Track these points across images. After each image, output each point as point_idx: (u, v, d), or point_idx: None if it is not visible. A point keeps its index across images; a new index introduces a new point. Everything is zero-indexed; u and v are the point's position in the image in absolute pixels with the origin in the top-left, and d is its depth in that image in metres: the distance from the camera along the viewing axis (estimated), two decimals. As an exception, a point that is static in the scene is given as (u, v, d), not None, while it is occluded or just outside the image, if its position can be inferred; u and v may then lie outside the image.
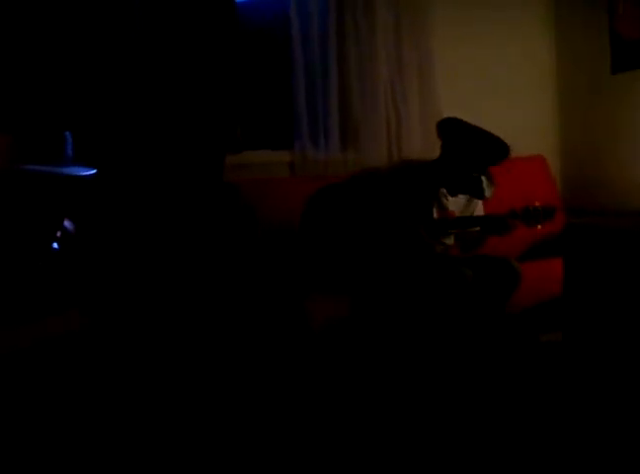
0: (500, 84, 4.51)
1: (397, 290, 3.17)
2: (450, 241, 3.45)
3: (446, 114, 3.99)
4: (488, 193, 3.32)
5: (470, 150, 3.28)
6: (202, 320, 3.02)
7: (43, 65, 3.08)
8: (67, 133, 2.83)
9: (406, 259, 3.25)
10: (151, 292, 3.04)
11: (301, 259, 3.26)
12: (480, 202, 3.52)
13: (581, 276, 3.02)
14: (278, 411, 2.81)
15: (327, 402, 2.89)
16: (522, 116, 4.59)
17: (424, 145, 4.02)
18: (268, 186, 3.66)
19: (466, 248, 3.46)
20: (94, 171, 2.90)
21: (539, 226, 3.26)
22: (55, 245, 2.81)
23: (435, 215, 3.36)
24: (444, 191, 3.39)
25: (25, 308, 2.57)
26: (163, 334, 2.89)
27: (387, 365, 3.07)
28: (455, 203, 3.38)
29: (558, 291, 3.28)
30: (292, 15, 3.82)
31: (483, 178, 3.30)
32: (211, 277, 3.17)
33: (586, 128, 4.63)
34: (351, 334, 3.12)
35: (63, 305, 2.66)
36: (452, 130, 3.40)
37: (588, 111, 4.62)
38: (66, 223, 2.87)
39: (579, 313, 3.09)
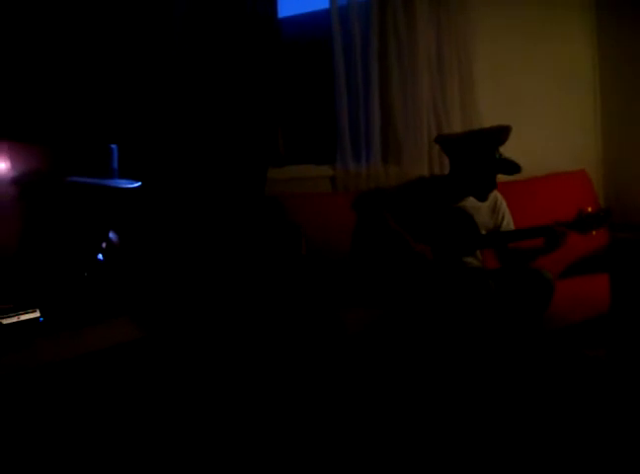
0: (541, 99, 4.49)
1: (426, 302, 3.15)
2: (477, 261, 3.42)
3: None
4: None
5: (471, 149, 3.28)
6: (245, 326, 3.04)
7: (88, 79, 3.13)
8: (113, 146, 2.86)
9: (433, 273, 3.21)
10: (197, 301, 3.06)
11: (347, 271, 3.25)
12: (506, 210, 3.49)
13: (628, 291, 2.98)
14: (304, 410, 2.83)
15: (350, 402, 2.90)
16: (564, 130, 4.57)
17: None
18: (310, 200, 3.65)
19: (512, 263, 3.42)
20: (139, 183, 2.92)
21: (594, 232, 3.20)
22: (100, 256, 2.84)
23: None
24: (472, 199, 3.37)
25: (70, 318, 2.60)
26: (209, 341, 2.91)
27: (414, 375, 3.05)
28: (479, 215, 3.34)
29: (604, 308, 3.24)
30: (335, 30, 3.82)
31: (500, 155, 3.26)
32: (254, 287, 3.19)
33: (628, 142, 4.59)
34: (382, 341, 3.11)
35: (109, 315, 2.68)
36: (449, 143, 3.45)
37: (630, 124, 4.58)
38: (111, 235, 2.90)
39: (625, 330, 3.05)
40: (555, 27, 4.55)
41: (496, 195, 3.47)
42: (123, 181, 2.87)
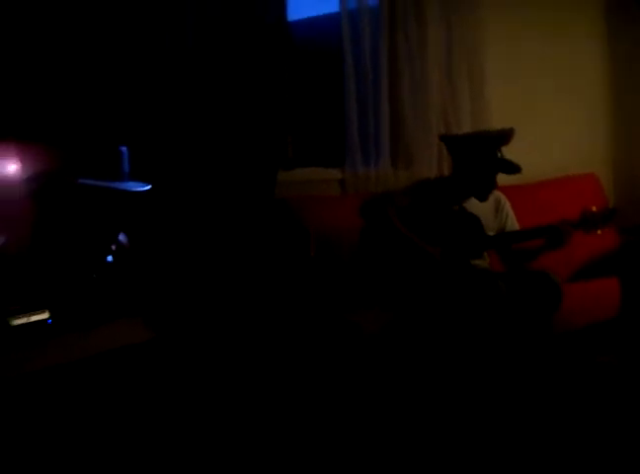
0: (551, 103, 4.48)
1: (436, 305, 3.14)
2: (485, 263, 3.41)
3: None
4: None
5: (474, 148, 3.30)
6: (254, 329, 3.04)
7: (101, 83, 3.14)
8: (123, 149, 2.86)
9: (443, 275, 3.20)
10: (207, 303, 3.07)
11: (354, 273, 3.24)
12: (510, 211, 3.49)
13: (638, 295, 2.97)
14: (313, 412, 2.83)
15: (361, 403, 2.89)
16: (574, 134, 4.56)
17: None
18: (319, 203, 3.65)
19: (515, 263, 3.41)
20: (148, 187, 2.92)
21: (599, 231, 3.20)
22: (110, 258, 2.84)
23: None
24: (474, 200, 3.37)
25: (79, 319, 2.60)
26: (218, 343, 2.91)
27: (425, 377, 3.04)
28: (483, 217, 3.33)
29: (613, 312, 3.22)
30: (344, 34, 3.82)
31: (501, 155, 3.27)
32: (264, 288, 3.19)
33: (638, 144, 4.57)
34: (394, 345, 3.11)
35: (117, 317, 2.69)
36: (452, 142, 3.48)
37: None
38: (121, 236, 2.90)
39: (635, 334, 3.03)
40: (566, 29, 4.54)
41: (499, 195, 3.47)
42: (134, 183, 2.88)
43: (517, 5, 4.31)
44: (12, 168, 2.67)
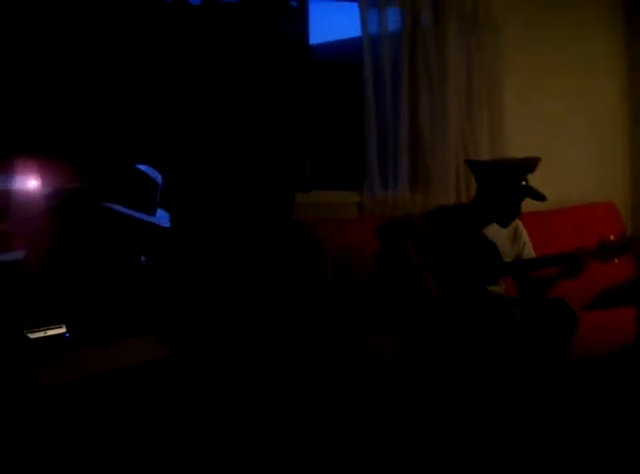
0: (570, 130, 4.48)
1: (452, 330, 3.14)
2: (500, 289, 3.41)
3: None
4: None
5: (502, 175, 3.30)
6: (270, 348, 3.05)
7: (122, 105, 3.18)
8: (159, 179, 2.88)
9: (459, 300, 3.20)
10: (223, 322, 3.08)
11: (371, 297, 3.25)
12: (527, 239, 3.49)
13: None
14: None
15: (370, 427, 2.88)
16: (592, 162, 4.55)
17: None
18: (338, 225, 3.66)
19: (531, 290, 3.41)
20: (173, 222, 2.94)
21: (616, 260, 3.19)
22: (128, 275, 2.86)
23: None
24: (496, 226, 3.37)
25: (95, 335, 2.62)
26: (234, 362, 2.92)
27: (435, 403, 3.03)
28: (500, 244, 3.33)
29: (629, 341, 3.21)
30: (365, 57, 3.85)
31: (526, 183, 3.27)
32: (280, 310, 3.20)
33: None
34: (405, 370, 3.10)
35: (133, 334, 2.70)
36: (480, 168, 3.46)
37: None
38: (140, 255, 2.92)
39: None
40: (585, 56, 4.54)
41: (517, 223, 3.47)
42: (161, 214, 2.89)
43: (536, 30, 4.34)
44: (32, 183, 2.70)
